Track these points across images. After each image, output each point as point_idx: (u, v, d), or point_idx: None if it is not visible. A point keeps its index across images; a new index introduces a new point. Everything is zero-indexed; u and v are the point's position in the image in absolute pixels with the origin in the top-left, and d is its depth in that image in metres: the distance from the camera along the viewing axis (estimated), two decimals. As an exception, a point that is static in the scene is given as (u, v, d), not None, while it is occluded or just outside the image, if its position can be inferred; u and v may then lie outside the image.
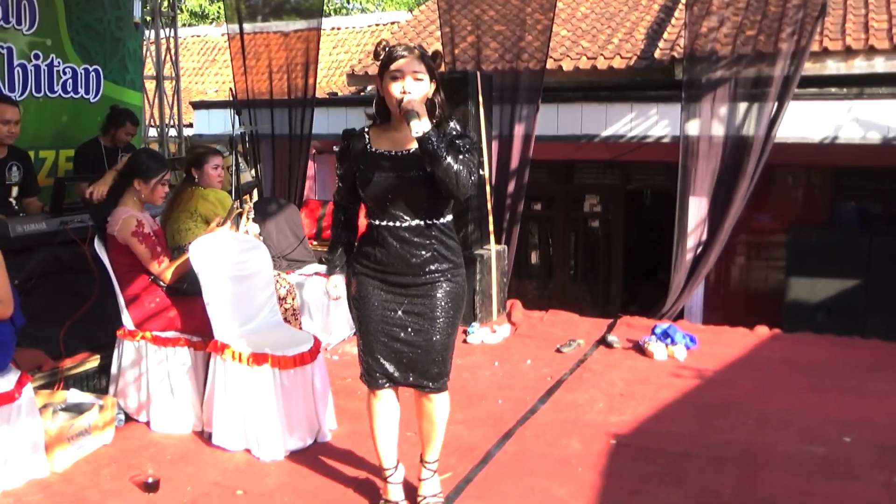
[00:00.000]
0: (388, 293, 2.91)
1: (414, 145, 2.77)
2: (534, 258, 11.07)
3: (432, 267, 2.88)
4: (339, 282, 3.05)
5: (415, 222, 2.84)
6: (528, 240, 10.95)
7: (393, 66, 2.73)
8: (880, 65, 7.34)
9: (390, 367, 2.94)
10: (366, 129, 2.91)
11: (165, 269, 3.92)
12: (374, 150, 2.85)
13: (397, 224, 2.84)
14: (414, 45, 2.82)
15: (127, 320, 3.99)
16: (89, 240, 4.16)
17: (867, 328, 7.06)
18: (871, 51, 7.37)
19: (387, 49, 2.78)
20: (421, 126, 2.64)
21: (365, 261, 2.92)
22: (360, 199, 2.95)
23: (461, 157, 2.72)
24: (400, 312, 2.90)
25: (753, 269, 9.15)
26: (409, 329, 2.91)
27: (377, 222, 2.86)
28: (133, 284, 3.97)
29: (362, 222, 3.04)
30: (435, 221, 2.86)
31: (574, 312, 6.63)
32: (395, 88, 2.72)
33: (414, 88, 2.72)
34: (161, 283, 3.99)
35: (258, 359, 3.62)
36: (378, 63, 2.80)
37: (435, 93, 2.82)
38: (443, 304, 2.91)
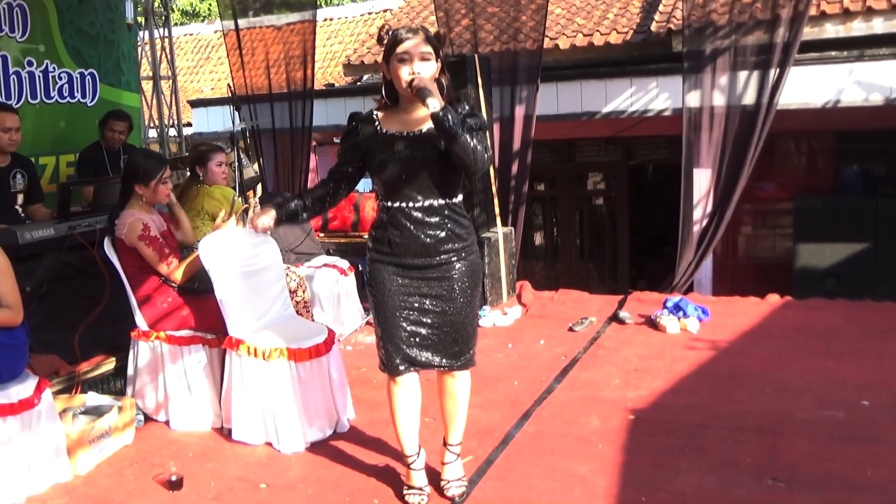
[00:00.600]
0: (405, 277, 2.91)
1: (426, 125, 2.82)
2: (538, 239, 11.06)
3: (447, 246, 2.89)
4: (270, 213, 2.93)
5: (428, 202, 2.85)
6: (532, 221, 10.94)
7: (400, 49, 2.74)
8: (879, 25, 7.30)
9: (412, 352, 2.92)
10: (375, 113, 2.92)
11: (175, 270, 3.92)
12: (385, 131, 2.87)
13: (412, 204, 2.84)
14: (417, 26, 2.83)
15: (140, 321, 4.00)
16: (98, 243, 4.17)
17: (877, 291, 7.05)
18: (869, 12, 7.32)
19: (391, 32, 2.78)
20: (436, 102, 2.65)
21: (379, 246, 2.93)
22: (349, 180, 2.99)
23: (475, 133, 2.74)
24: (417, 295, 2.91)
25: (761, 239, 9.13)
26: (429, 311, 2.91)
27: (390, 204, 2.87)
28: (144, 285, 3.97)
29: (369, 214, 3.07)
30: (448, 201, 2.88)
31: (584, 290, 6.64)
32: (404, 71, 2.74)
33: (423, 69, 2.74)
34: (172, 283, 3.99)
35: (274, 353, 3.63)
36: (382, 48, 2.81)
37: (441, 73, 2.82)
38: (460, 283, 2.92)
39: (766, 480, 3.13)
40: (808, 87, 6.90)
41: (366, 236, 3.13)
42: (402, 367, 2.94)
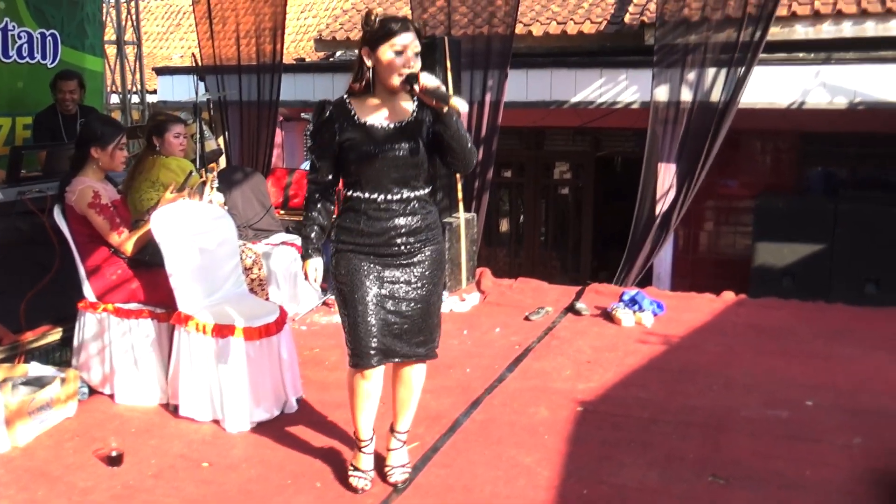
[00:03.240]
0: (377, 265, 2.86)
1: (406, 117, 2.81)
2: (504, 226, 11.06)
3: (420, 237, 2.89)
4: (318, 265, 2.95)
5: (406, 194, 2.83)
6: (499, 207, 10.94)
7: (398, 41, 2.70)
8: (848, 29, 7.37)
9: (386, 343, 2.87)
10: (347, 100, 2.84)
11: (126, 241, 3.84)
12: (364, 122, 2.80)
13: (389, 197, 2.81)
14: (404, 17, 2.80)
15: (88, 292, 3.92)
16: (48, 210, 4.07)
17: (832, 293, 7.16)
18: (839, 15, 7.38)
19: (381, 20, 2.73)
20: (465, 103, 2.71)
21: (349, 236, 2.86)
22: (339, 174, 2.90)
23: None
24: (391, 285, 2.87)
25: (722, 235, 9.23)
26: (402, 300, 2.88)
27: (367, 195, 2.81)
28: (94, 255, 3.89)
29: None
30: (420, 192, 2.87)
31: (544, 280, 6.66)
32: (399, 62, 2.71)
33: (417, 66, 2.74)
34: (122, 254, 3.91)
35: (223, 330, 3.58)
36: (368, 31, 2.74)
37: None
38: (429, 271, 2.93)
39: (707, 477, 3.16)
40: (774, 88, 6.95)
41: None
42: (375, 360, 2.87)
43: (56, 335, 4.29)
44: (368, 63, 2.76)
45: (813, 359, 4.57)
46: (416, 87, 2.70)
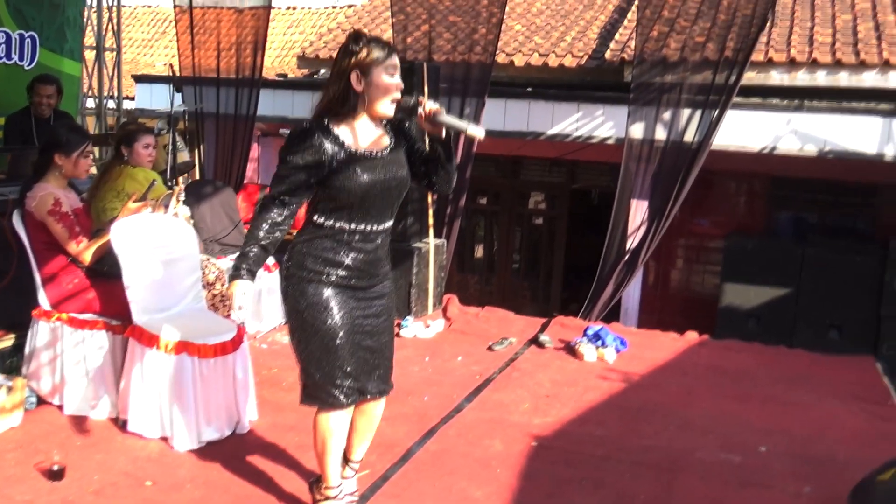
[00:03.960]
0: (352, 300, 2.73)
1: (388, 144, 2.72)
2: (479, 252, 11.07)
3: (385, 268, 2.85)
4: (248, 289, 2.65)
5: (385, 224, 2.76)
6: (475, 233, 10.95)
7: (391, 64, 2.63)
8: (822, 78, 7.50)
9: (362, 381, 2.77)
10: (328, 124, 2.64)
11: (84, 250, 3.77)
12: (356, 150, 2.63)
13: (374, 227, 2.71)
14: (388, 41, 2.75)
15: (43, 300, 3.85)
16: (9, 214, 4.00)
17: (795, 337, 7.23)
18: (814, 64, 7.52)
19: (374, 42, 2.62)
20: (481, 130, 2.68)
21: (322, 266, 2.67)
22: (307, 198, 2.67)
23: None
24: (362, 319, 2.76)
25: (691, 274, 9.29)
26: (372, 333, 2.79)
27: (352, 226, 2.66)
28: (51, 263, 3.83)
29: (301, 212, 2.84)
30: (392, 221, 2.80)
31: (514, 308, 6.66)
32: (393, 85, 2.64)
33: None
34: (80, 263, 3.85)
35: (177, 346, 3.52)
36: (356, 53, 2.60)
37: None
38: (390, 302, 2.87)
39: (656, 520, 3.15)
40: (747, 131, 7.05)
41: (295, 234, 2.84)
42: (350, 400, 2.75)
43: (9, 342, 4.21)
44: (359, 87, 2.62)
45: (770, 403, 4.59)
46: (421, 113, 2.64)
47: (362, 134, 2.69)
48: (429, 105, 2.65)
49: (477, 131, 2.69)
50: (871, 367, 5.36)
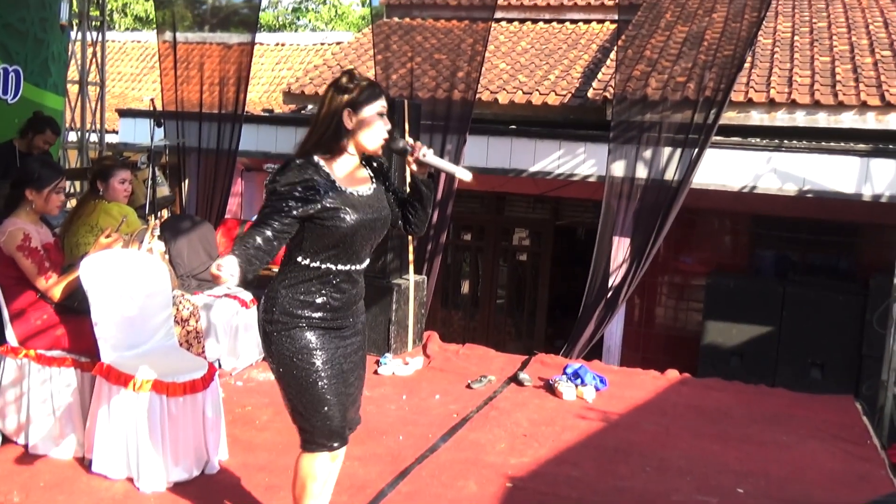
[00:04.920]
0: (335, 340, 2.69)
1: (370, 183, 2.70)
2: (465, 288, 11.04)
3: (363, 306, 2.82)
4: (236, 271, 2.31)
5: (365, 264, 2.73)
6: (461, 269, 10.94)
7: (381, 104, 2.62)
8: (801, 118, 7.56)
9: (348, 415, 2.73)
10: (319, 162, 2.60)
11: (53, 286, 3.73)
12: (346, 189, 2.61)
13: (357, 267, 2.68)
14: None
15: (10, 336, 3.79)
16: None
17: (777, 376, 7.20)
18: (793, 104, 7.58)
19: (366, 82, 2.62)
20: (468, 173, 2.68)
21: (306, 310, 2.61)
22: (292, 234, 2.53)
23: None
24: (342, 358, 2.71)
25: (675, 311, 9.28)
26: (350, 372, 2.74)
27: (339, 267, 2.62)
28: (19, 299, 3.78)
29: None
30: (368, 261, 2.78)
31: (498, 345, 6.65)
32: (383, 125, 2.63)
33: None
34: (50, 299, 3.80)
35: (145, 384, 3.46)
36: (350, 91, 2.58)
37: None
38: (363, 339, 2.84)
39: (628, 564, 3.10)
40: (727, 170, 7.09)
41: (276, 270, 2.75)
42: (338, 443, 2.71)
43: (-24, 378, 4.13)
44: (350, 125, 2.59)
45: (748, 444, 4.54)
46: (412, 154, 2.65)
47: (348, 172, 2.67)
48: (418, 146, 2.67)
49: (464, 174, 2.68)
50: (850, 407, 5.33)
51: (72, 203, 5.96)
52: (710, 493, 3.83)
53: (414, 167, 2.70)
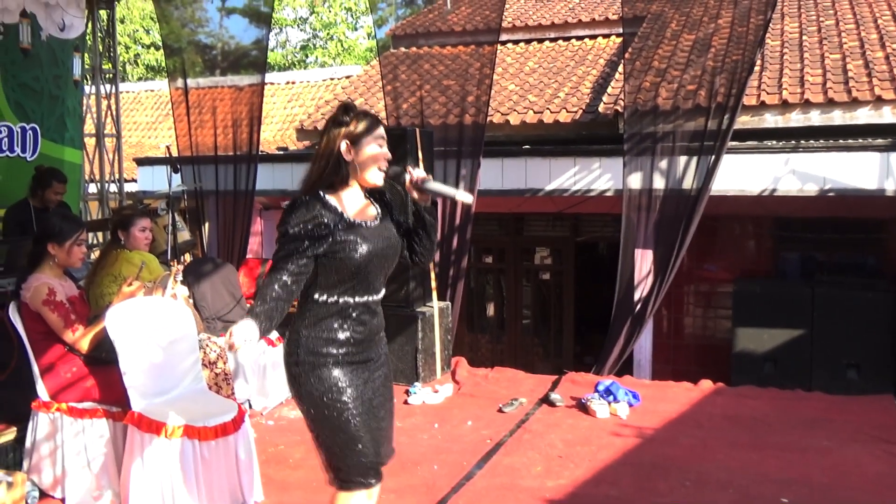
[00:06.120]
0: (361, 375, 2.66)
1: (376, 213, 2.71)
2: (491, 310, 11.00)
3: (383, 336, 2.80)
4: (254, 337, 2.36)
5: (382, 294, 2.73)
6: (484, 292, 10.90)
7: (380, 134, 2.65)
8: (816, 118, 7.48)
9: (380, 454, 2.69)
10: (325, 196, 2.61)
11: (80, 338, 3.76)
12: (355, 221, 2.63)
13: (374, 297, 2.68)
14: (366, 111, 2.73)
15: (42, 391, 3.82)
16: (6, 306, 4.00)
17: (813, 379, 7.07)
18: (806, 104, 7.51)
19: (362, 114, 2.65)
20: (469, 196, 2.66)
21: (336, 348, 2.61)
22: (309, 273, 2.54)
23: None
24: (372, 393, 2.69)
25: (703, 320, 9.17)
26: (381, 405, 2.73)
27: (356, 299, 2.62)
28: (48, 353, 3.81)
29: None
30: (384, 290, 2.77)
31: (527, 366, 6.61)
32: (382, 154, 2.65)
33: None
34: (78, 351, 3.82)
35: (176, 430, 3.47)
36: (346, 125, 2.61)
37: None
38: (388, 370, 2.82)
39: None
40: (746, 175, 7.03)
41: (295, 317, 2.72)
42: (374, 479, 2.68)
43: (10, 435, 4.17)
44: (349, 157, 2.61)
45: (788, 451, 4.46)
46: (409, 180, 2.64)
47: (354, 204, 2.69)
48: (416, 172, 2.66)
49: (465, 197, 2.65)
50: (891, 406, 5.24)
51: (94, 254, 6.04)
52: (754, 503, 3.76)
53: (415, 194, 2.69)
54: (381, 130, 2.66)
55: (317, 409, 2.62)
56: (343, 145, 2.61)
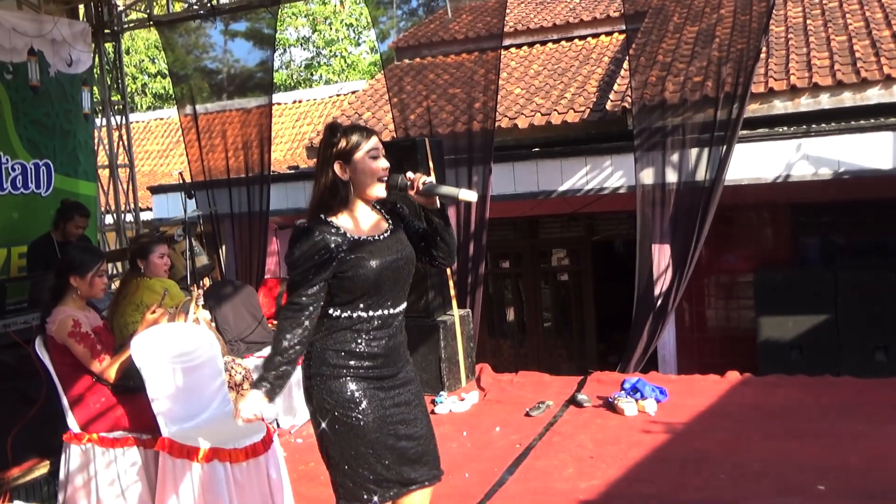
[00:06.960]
0: (379, 391, 2.63)
1: (386, 225, 2.70)
2: (511, 315, 10.98)
3: (407, 352, 2.77)
4: (263, 408, 2.47)
5: (402, 307, 2.70)
6: (503, 297, 10.89)
7: (371, 146, 2.62)
8: (825, 101, 7.45)
9: (403, 472, 2.65)
10: (327, 219, 2.61)
11: (108, 368, 3.78)
12: (359, 237, 2.61)
13: (391, 311, 2.66)
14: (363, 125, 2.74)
15: (72, 423, 3.84)
16: (32, 340, 4.04)
17: (842, 363, 7.01)
18: (815, 88, 7.48)
19: (349, 131, 2.63)
20: (473, 194, 2.65)
21: (350, 361, 2.60)
22: (324, 298, 2.57)
23: None
24: (395, 408, 2.66)
25: (725, 311, 9.11)
26: (408, 422, 2.68)
27: (370, 313, 2.61)
28: (77, 385, 3.83)
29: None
30: (405, 304, 2.73)
31: (551, 368, 6.58)
32: (379, 166, 2.62)
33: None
34: (106, 381, 3.85)
35: (207, 454, 3.48)
36: (337, 147, 2.60)
37: None
38: (418, 388, 2.78)
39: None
40: (758, 163, 6.99)
41: None
42: (386, 497, 2.64)
43: (44, 469, 4.21)
44: (344, 176, 2.60)
45: (823, 438, 4.42)
46: (411, 186, 2.61)
47: (361, 220, 2.67)
48: (419, 178, 2.63)
49: (469, 195, 2.64)
50: (923, 386, 5.17)
51: (115, 284, 6.08)
52: (791, 493, 3.72)
53: (420, 199, 2.66)
54: (373, 142, 2.63)
55: (329, 422, 2.59)
56: (336, 167, 2.61)
